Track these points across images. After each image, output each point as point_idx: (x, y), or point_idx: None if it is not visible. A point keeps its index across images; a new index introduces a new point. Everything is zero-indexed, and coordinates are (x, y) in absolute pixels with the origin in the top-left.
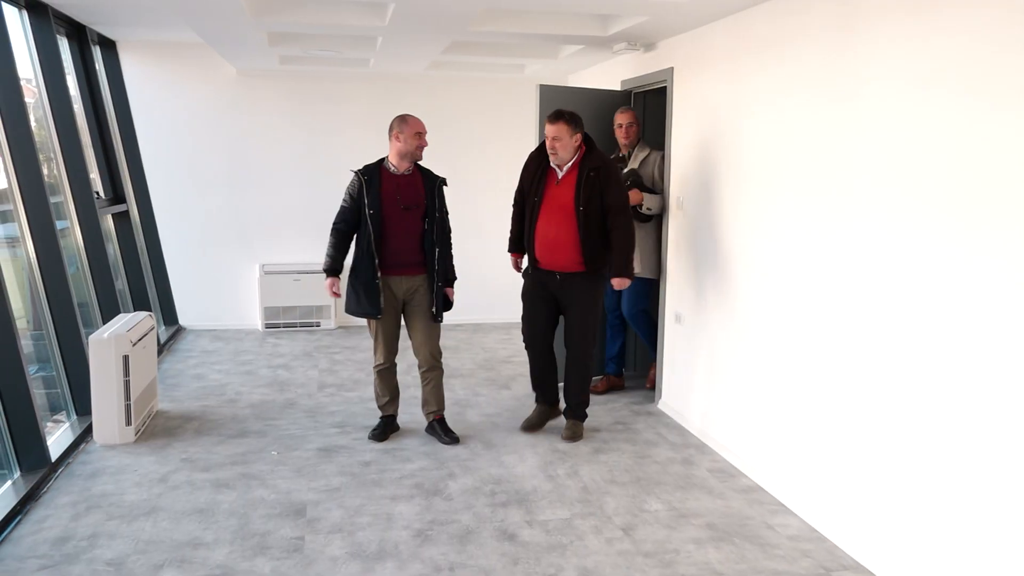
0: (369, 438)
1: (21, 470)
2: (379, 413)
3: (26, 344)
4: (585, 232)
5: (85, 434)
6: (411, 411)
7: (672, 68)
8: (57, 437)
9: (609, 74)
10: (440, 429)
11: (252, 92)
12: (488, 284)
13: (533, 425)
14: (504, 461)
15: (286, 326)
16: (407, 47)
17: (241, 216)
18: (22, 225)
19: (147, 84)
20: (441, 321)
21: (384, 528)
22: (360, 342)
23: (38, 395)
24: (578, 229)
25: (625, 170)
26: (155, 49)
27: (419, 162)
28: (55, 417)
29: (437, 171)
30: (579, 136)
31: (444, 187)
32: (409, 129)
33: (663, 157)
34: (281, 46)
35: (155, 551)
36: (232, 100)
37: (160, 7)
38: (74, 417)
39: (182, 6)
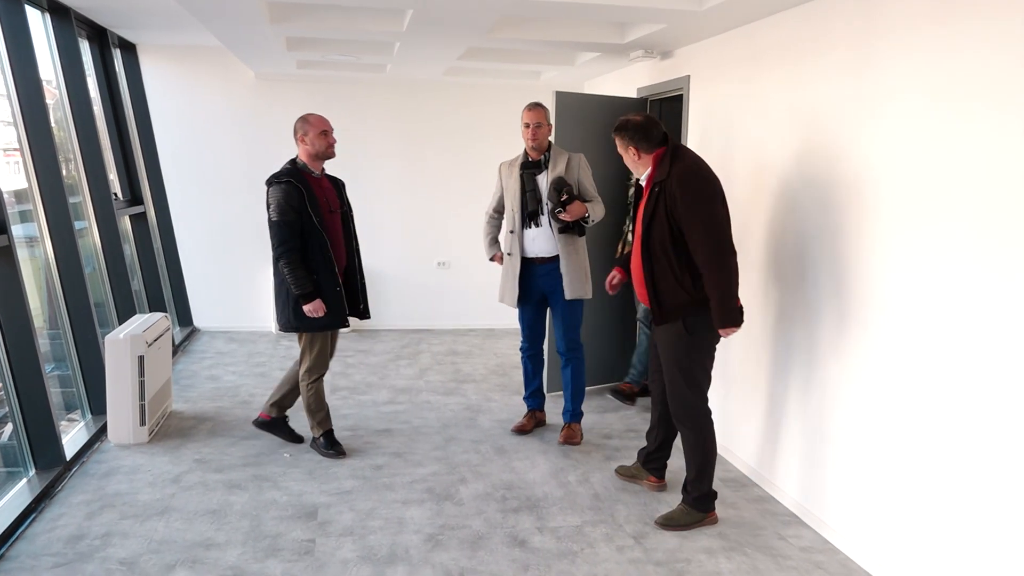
0: (335, 456)
1: (36, 468)
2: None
3: (42, 343)
4: (649, 262)
5: (100, 433)
6: (423, 415)
7: (689, 76)
8: (72, 436)
9: (625, 81)
10: (286, 428)
11: (270, 95)
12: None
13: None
14: (515, 467)
15: None
16: (424, 53)
17: (256, 219)
18: (41, 225)
19: (166, 87)
20: (369, 317)
21: (395, 532)
22: (373, 345)
23: (53, 394)
24: (642, 258)
25: (548, 178)
26: (174, 52)
27: (327, 161)
28: (69, 416)
29: (453, 176)
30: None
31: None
32: (313, 129)
33: (584, 160)
34: (299, 51)
35: (167, 551)
36: (250, 103)
37: (180, 12)
38: (89, 416)
39: (202, 11)
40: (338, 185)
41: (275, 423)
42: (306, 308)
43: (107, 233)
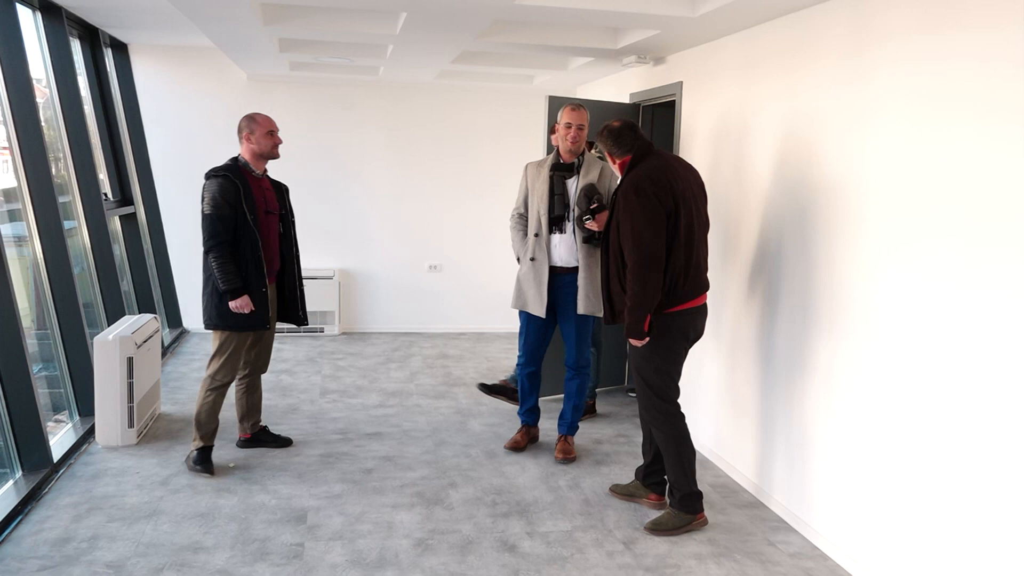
0: (202, 472)
1: (23, 470)
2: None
3: (30, 343)
4: (606, 265)
5: (88, 435)
6: (414, 419)
7: (681, 82)
8: (59, 438)
9: (618, 86)
10: (270, 436)
11: (262, 97)
12: (492, 293)
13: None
14: (505, 471)
15: (290, 331)
16: (417, 56)
17: None
18: (30, 224)
19: (157, 87)
20: (307, 323)
21: (385, 536)
22: (363, 348)
23: (41, 395)
24: (601, 260)
25: (579, 183)
26: (166, 53)
27: (272, 161)
28: (56, 417)
29: (445, 179)
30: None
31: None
32: (260, 128)
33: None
34: (292, 52)
35: (155, 554)
36: (241, 105)
37: (173, 11)
38: (77, 418)
39: (195, 12)
40: (280, 189)
41: (257, 437)
42: (232, 304)
43: (97, 233)
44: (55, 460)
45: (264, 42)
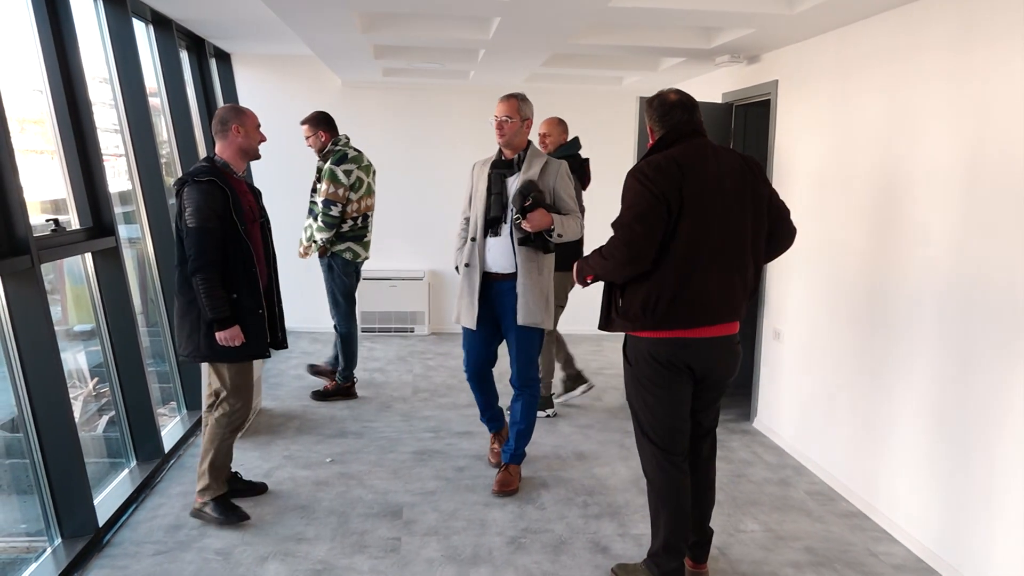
0: (237, 520)
1: (137, 459)
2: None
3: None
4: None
5: (195, 428)
6: None
7: (776, 81)
8: (169, 430)
9: (710, 86)
10: (242, 483)
11: (355, 102)
12: (579, 295)
13: None
14: (596, 473)
15: (381, 331)
16: (508, 59)
17: None
18: (143, 225)
19: (257, 95)
20: (286, 347)
21: (478, 533)
22: (452, 348)
23: (152, 389)
24: None
25: (516, 181)
26: (266, 62)
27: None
28: (160, 410)
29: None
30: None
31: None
32: (250, 122)
33: (565, 168)
34: (386, 59)
35: (260, 543)
36: (336, 110)
37: (274, 22)
38: (184, 411)
39: (298, 22)
40: (256, 192)
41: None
42: (220, 336)
43: None
44: (166, 451)
45: (360, 49)
